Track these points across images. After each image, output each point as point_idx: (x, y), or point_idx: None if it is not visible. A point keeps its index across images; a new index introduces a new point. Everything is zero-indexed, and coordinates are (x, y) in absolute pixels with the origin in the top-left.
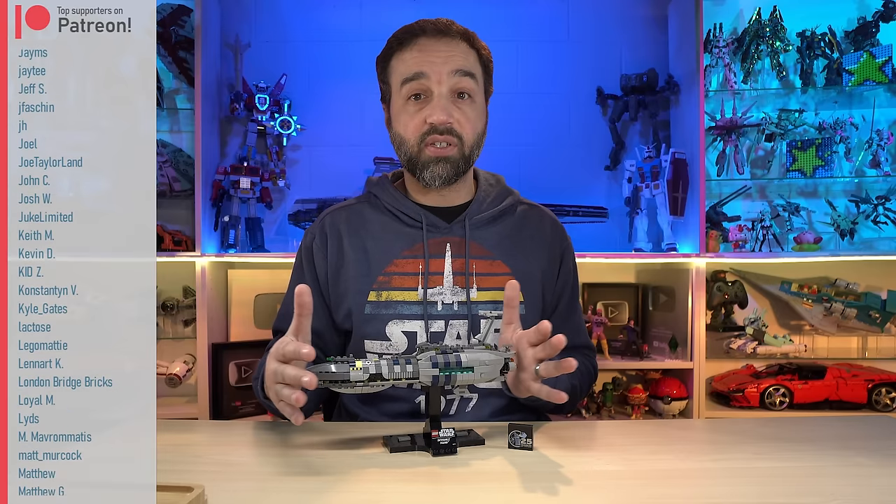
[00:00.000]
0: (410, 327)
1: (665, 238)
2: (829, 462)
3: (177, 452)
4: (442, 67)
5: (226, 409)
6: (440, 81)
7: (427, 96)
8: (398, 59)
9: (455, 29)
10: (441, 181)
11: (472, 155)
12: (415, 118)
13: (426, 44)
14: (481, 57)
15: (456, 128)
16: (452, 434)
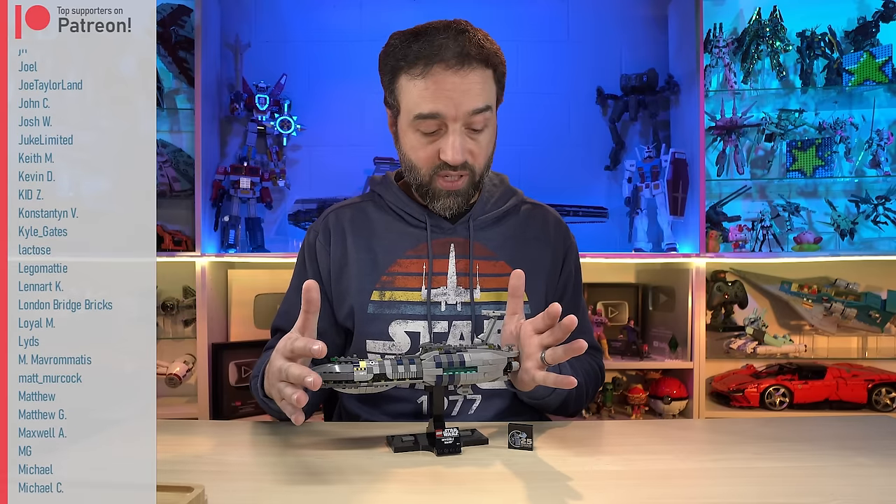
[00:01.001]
0: (413, 328)
1: (665, 238)
2: (829, 462)
3: (177, 452)
4: (458, 109)
5: (226, 409)
6: (456, 119)
7: (440, 127)
8: (409, 82)
9: (473, 53)
10: (451, 212)
11: (482, 179)
12: (427, 149)
13: (444, 77)
14: (496, 73)
15: (469, 161)
16: (456, 433)
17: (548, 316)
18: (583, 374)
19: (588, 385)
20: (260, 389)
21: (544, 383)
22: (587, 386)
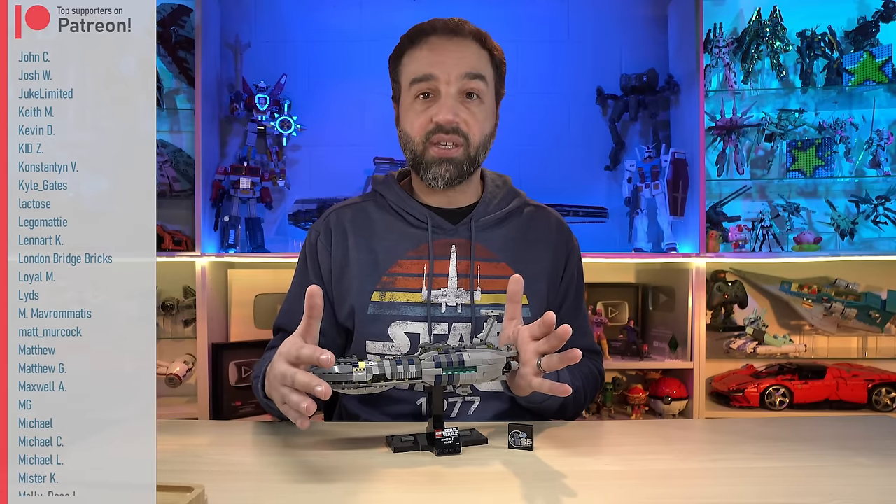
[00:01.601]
0: (413, 329)
1: (665, 238)
2: (829, 462)
3: (177, 452)
4: (452, 69)
5: (226, 409)
6: (449, 82)
7: (435, 95)
8: (409, 58)
9: (467, 29)
10: (444, 182)
11: (477, 156)
12: (421, 116)
13: (437, 43)
14: (493, 58)
15: (462, 127)
16: (456, 433)
17: (543, 324)
18: (581, 377)
19: (587, 389)
20: (261, 390)
21: (540, 390)
22: (585, 390)
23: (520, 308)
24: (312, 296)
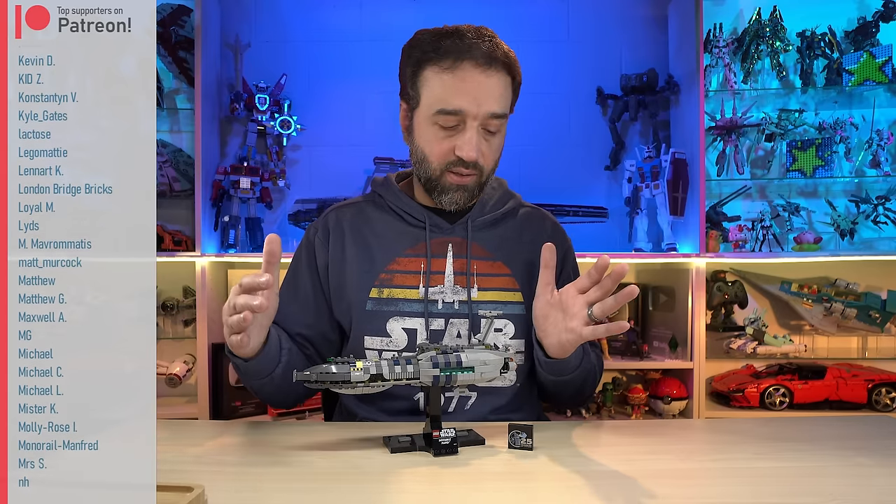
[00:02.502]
0: (411, 324)
1: (665, 238)
2: (829, 462)
3: (177, 452)
4: (481, 107)
5: (226, 409)
6: (476, 117)
7: (459, 124)
8: (435, 76)
9: (500, 56)
10: (457, 207)
11: (488, 180)
12: (443, 144)
13: (472, 75)
14: (514, 82)
15: (480, 161)
16: (453, 434)
17: (596, 270)
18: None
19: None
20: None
21: (594, 336)
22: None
23: (553, 274)
24: (271, 242)
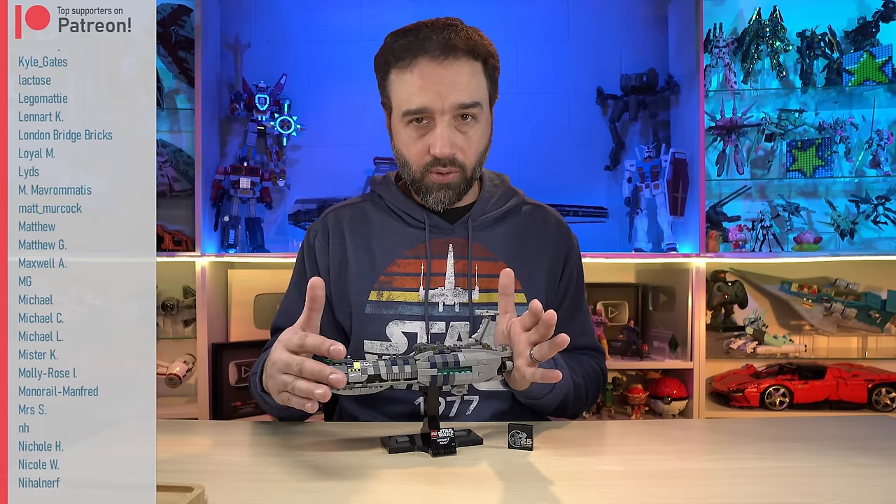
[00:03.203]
0: (411, 328)
1: (665, 238)
2: (830, 462)
3: (177, 452)
4: (445, 99)
5: (226, 409)
6: (443, 112)
7: (429, 121)
8: (399, 79)
9: (459, 43)
10: (443, 206)
11: (474, 174)
12: (417, 144)
13: (428, 68)
14: (486, 67)
15: (458, 157)
16: (451, 434)
17: (531, 314)
18: (583, 375)
19: (588, 387)
20: (259, 385)
21: (532, 379)
22: (587, 388)
23: (512, 301)
24: (314, 287)
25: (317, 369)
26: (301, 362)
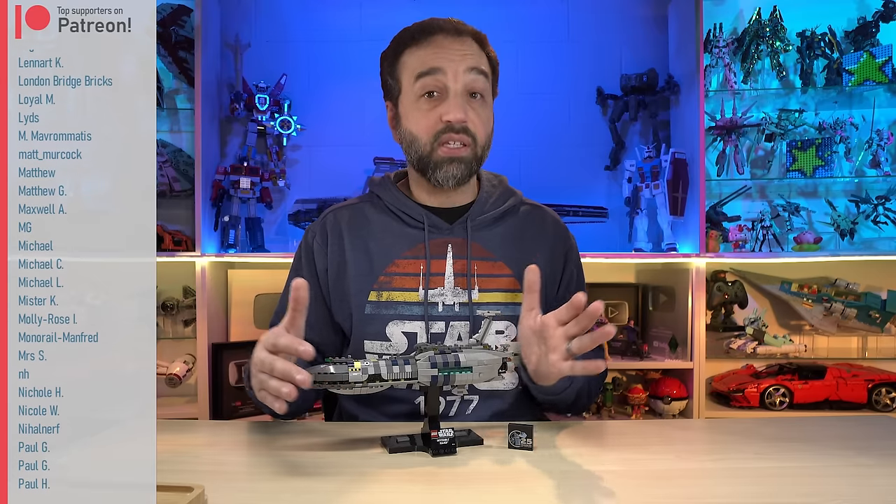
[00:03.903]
0: (411, 328)
1: (665, 238)
2: (830, 462)
3: (177, 452)
4: (458, 65)
5: (226, 409)
6: (456, 78)
7: (441, 94)
8: (411, 55)
9: (468, 30)
10: (454, 181)
11: (483, 155)
12: (429, 116)
13: (442, 41)
14: (490, 60)
15: (471, 127)
16: (452, 434)
17: (572, 306)
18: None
19: (592, 385)
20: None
21: (572, 373)
22: (591, 386)
23: (538, 298)
24: (298, 289)
25: (285, 369)
26: (273, 361)
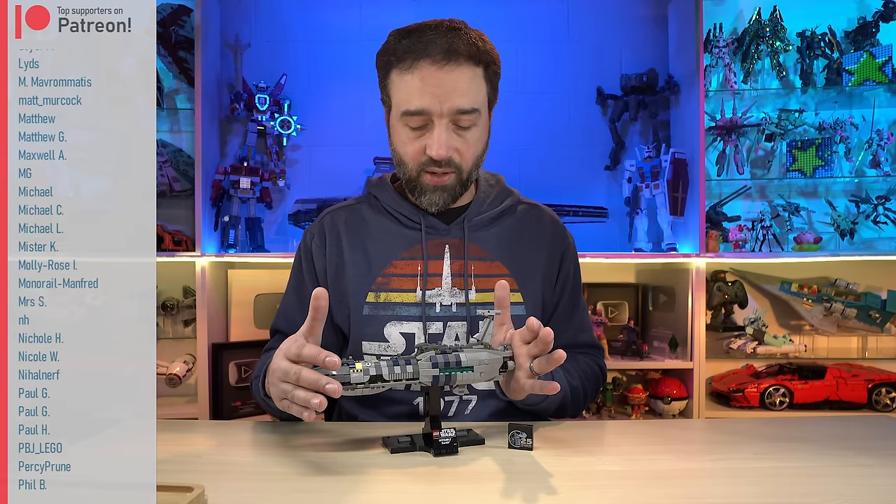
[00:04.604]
0: (409, 329)
1: (665, 238)
2: (830, 462)
3: (177, 452)
4: (444, 103)
5: (226, 409)
6: (441, 115)
7: (427, 124)
8: (399, 79)
9: (462, 48)
10: (438, 208)
11: (470, 177)
12: (414, 144)
13: (430, 72)
14: (487, 72)
15: (455, 159)
16: (453, 434)
17: (529, 330)
18: (580, 376)
19: (586, 387)
20: (261, 389)
21: (531, 391)
22: (585, 388)
23: (508, 313)
24: (318, 298)
25: (313, 379)
26: (298, 371)
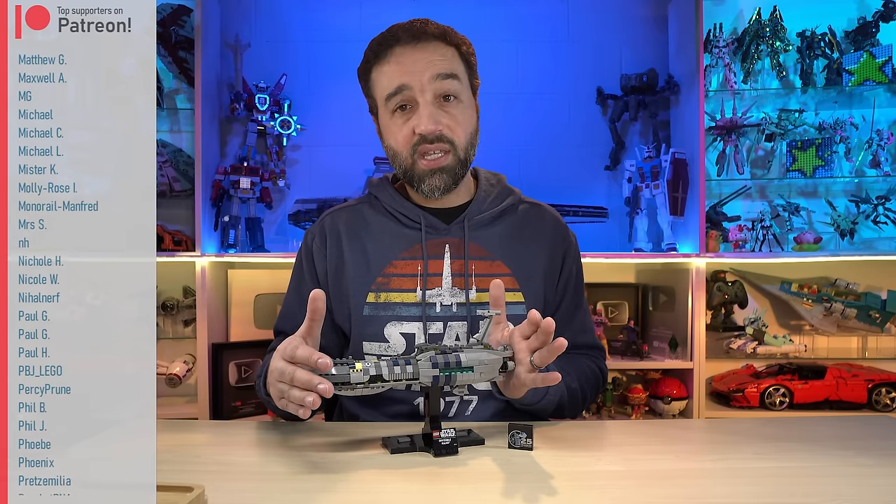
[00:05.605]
0: (409, 329)
1: (665, 238)
2: (830, 462)
3: (177, 452)
4: (422, 75)
5: (226, 409)
6: (423, 89)
7: (412, 106)
8: (378, 73)
9: (430, 30)
10: (440, 192)
11: (467, 157)
12: (403, 130)
13: (402, 53)
14: (461, 52)
15: (446, 133)
16: (453, 434)
17: (530, 322)
18: (578, 377)
19: (585, 388)
20: (263, 389)
21: (533, 384)
22: (584, 389)
23: (505, 312)
24: (315, 300)
25: (306, 379)
26: (293, 372)
